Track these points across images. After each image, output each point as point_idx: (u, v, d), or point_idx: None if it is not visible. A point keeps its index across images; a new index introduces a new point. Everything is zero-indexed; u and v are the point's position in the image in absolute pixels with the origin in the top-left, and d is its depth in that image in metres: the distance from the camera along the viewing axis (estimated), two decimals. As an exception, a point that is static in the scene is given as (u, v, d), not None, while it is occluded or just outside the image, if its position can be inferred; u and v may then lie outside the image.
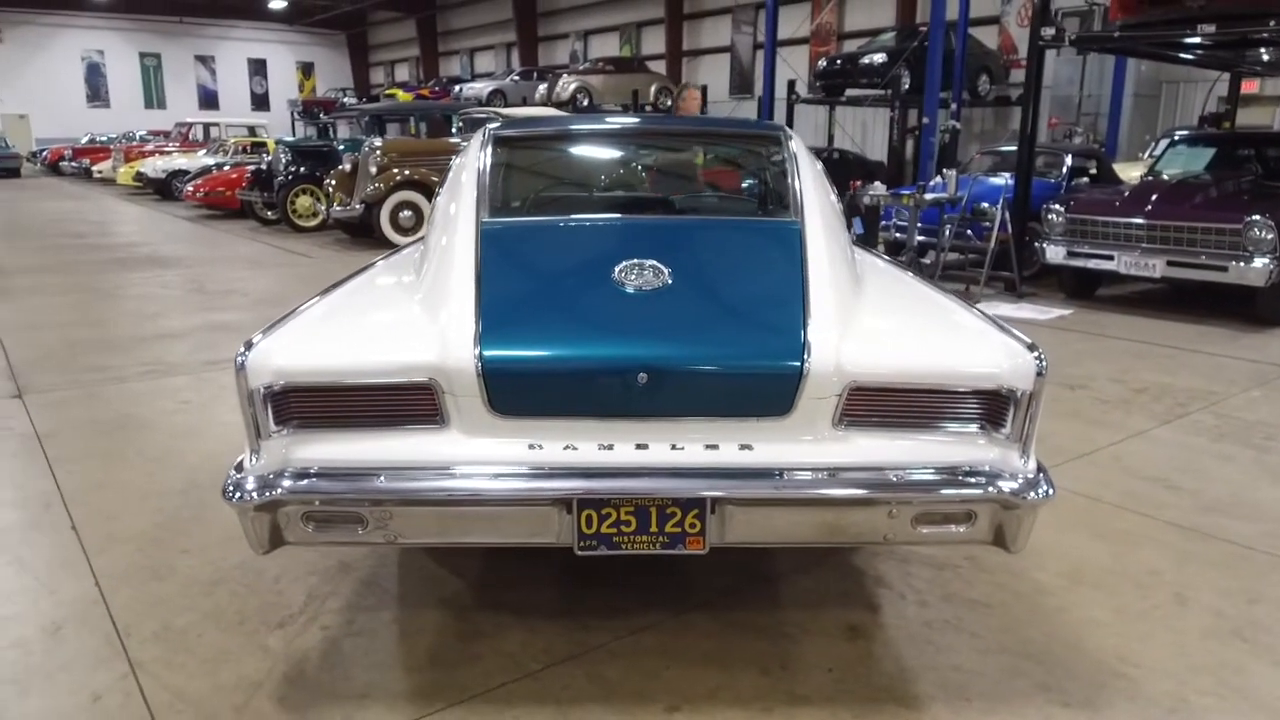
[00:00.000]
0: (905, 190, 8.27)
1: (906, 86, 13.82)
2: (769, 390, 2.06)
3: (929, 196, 7.82)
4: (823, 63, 16.22)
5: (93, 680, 2.26)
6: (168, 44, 35.97)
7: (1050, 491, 2.04)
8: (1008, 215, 7.61)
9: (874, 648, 2.43)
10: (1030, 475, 2.05)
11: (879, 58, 14.75)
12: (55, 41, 33.75)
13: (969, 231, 8.22)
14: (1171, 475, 3.67)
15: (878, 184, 8.43)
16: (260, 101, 37.68)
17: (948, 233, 8.02)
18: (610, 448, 2.06)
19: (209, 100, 36.99)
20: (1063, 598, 2.69)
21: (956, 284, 8.03)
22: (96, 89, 35.23)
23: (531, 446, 2.07)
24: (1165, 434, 4.21)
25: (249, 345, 2.04)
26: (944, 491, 2.04)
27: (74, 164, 26.00)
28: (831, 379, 2.05)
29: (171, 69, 36.39)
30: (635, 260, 2.29)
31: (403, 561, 2.88)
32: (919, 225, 8.10)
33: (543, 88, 22.03)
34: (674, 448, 2.07)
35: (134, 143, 23.55)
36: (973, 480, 2.04)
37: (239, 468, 2.04)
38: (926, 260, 8.38)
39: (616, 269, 2.26)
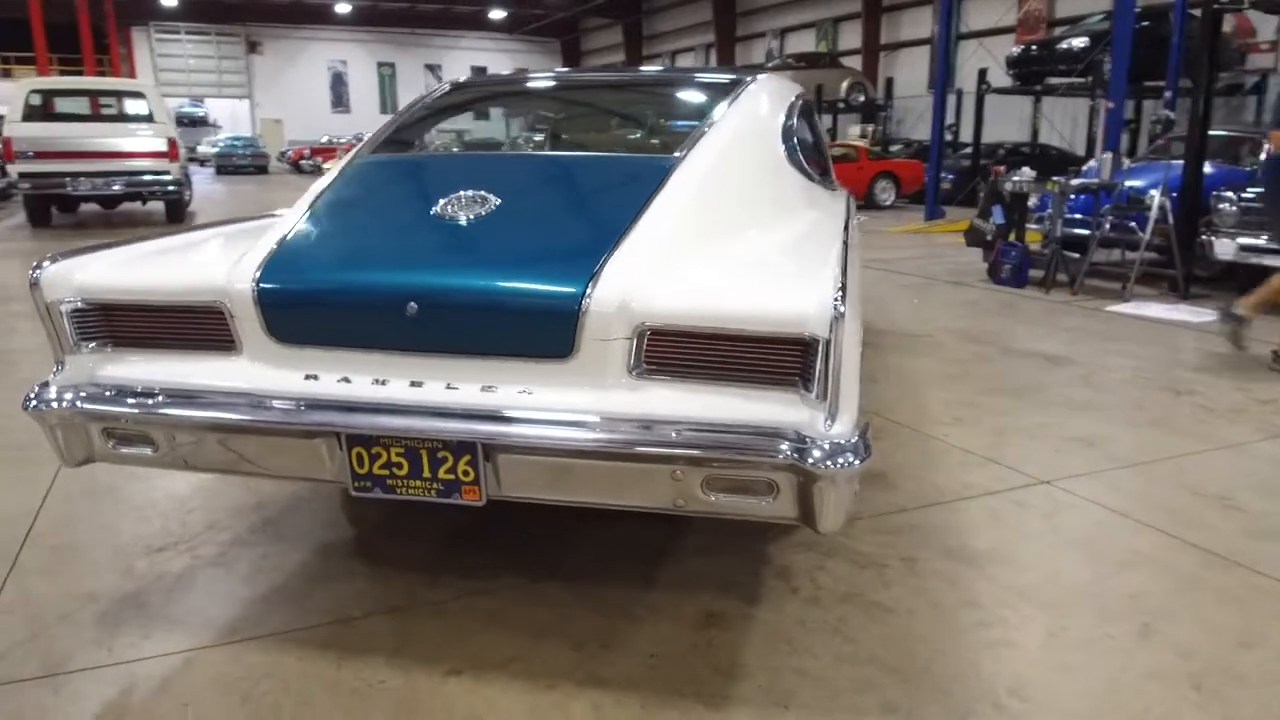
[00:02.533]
0: (1058, 178, 7.41)
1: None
2: (547, 328, 1.83)
3: (1076, 182, 6.96)
4: (1016, 49, 14.96)
5: (-31, 579, 2.42)
6: (401, 54, 39.11)
7: (854, 462, 1.68)
8: (1169, 205, 6.62)
9: (720, 639, 2.13)
10: (837, 441, 1.70)
11: (1079, 42, 13.38)
12: (305, 53, 37.63)
13: (1132, 223, 7.24)
14: (1239, 494, 2.99)
15: (1025, 169, 7.60)
16: (479, 105, 40.09)
17: (1104, 225, 7.10)
18: (384, 383, 1.92)
19: (435, 105, 39.80)
20: (992, 613, 2.24)
21: (1112, 281, 7.10)
22: (340, 95, 38.91)
23: (308, 377, 1.97)
24: (1267, 449, 3.46)
25: (49, 261, 2.06)
26: (727, 453, 1.73)
27: (310, 162, 28.90)
28: (616, 319, 1.80)
29: (404, 77, 39.51)
30: (468, 192, 2.14)
31: (312, 506, 2.88)
32: (1079, 216, 7.24)
33: (729, 86, 21.87)
34: (449, 387, 1.90)
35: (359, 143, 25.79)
36: (762, 443, 1.72)
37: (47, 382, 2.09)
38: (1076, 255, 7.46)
39: (443, 201, 2.12)
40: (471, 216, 2.06)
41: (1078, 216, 7.52)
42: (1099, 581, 2.41)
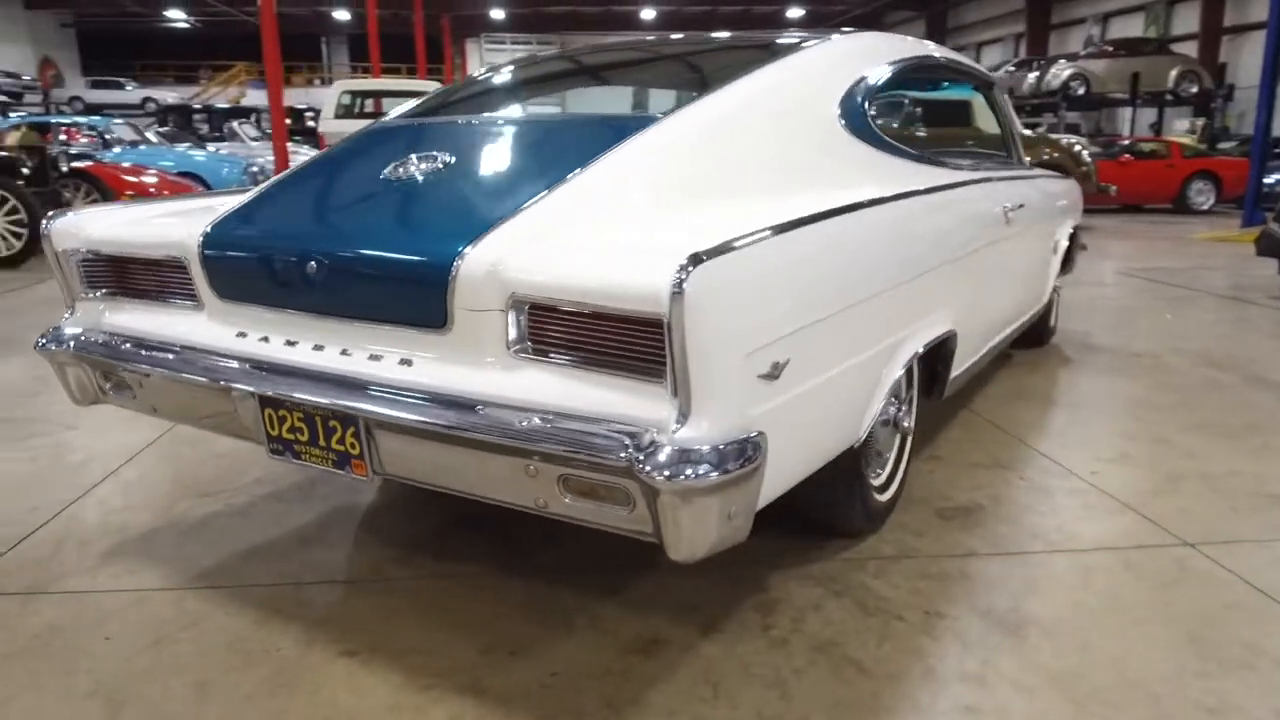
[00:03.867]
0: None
1: None
2: (420, 294, 1.67)
3: None
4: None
5: (62, 492, 2.72)
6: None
7: (703, 475, 1.34)
8: None
9: (640, 668, 1.84)
10: (684, 449, 1.37)
11: None
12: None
13: None
14: None
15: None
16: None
17: None
18: (294, 345, 1.87)
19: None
20: (994, 698, 1.75)
21: None
22: (640, 101, 40.68)
23: (239, 334, 1.97)
24: None
25: (59, 214, 2.23)
26: (569, 450, 1.47)
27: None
28: (486, 288, 1.60)
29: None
30: (422, 155, 2.03)
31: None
32: None
33: (1032, 77, 19.93)
34: (343, 353, 1.81)
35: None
36: (605, 442, 1.44)
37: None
38: None
39: (395, 164, 2.03)
40: (408, 179, 1.95)
41: None
42: (1178, 685, 1.80)
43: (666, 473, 1.35)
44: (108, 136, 13.19)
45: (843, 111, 2.33)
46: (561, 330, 1.57)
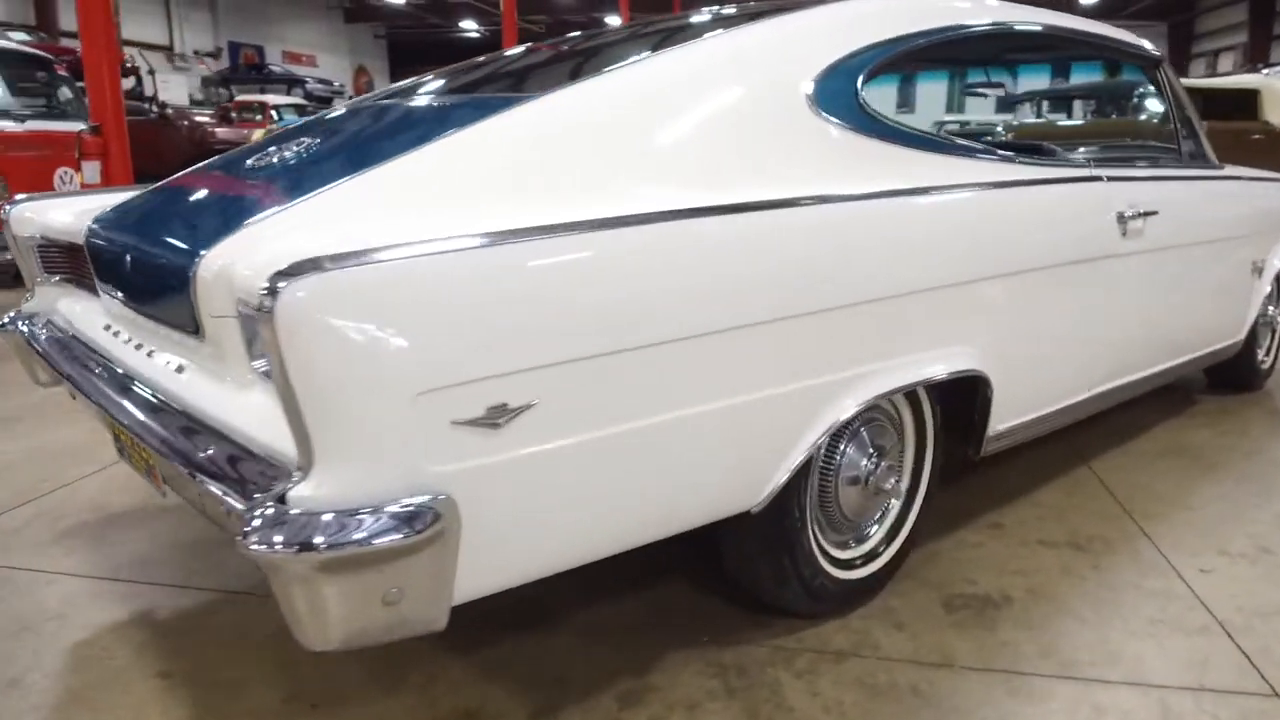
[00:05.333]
0: None
1: None
2: (173, 294, 1.47)
3: None
4: None
5: (81, 468, 2.87)
6: (976, 50, 37.44)
7: (314, 545, 1.03)
8: None
9: (426, 750, 1.55)
10: (295, 510, 1.07)
11: None
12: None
13: None
14: None
15: None
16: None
17: None
18: (137, 345, 1.76)
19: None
20: None
21: None
22: (906, 97, 38.71)
23: (105, 327, 1.90)
24: None
25: (20, 201, 2.28)
26: (202, 497, 1.22)
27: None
28: (217, 290, 1.37)
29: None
30: (295, 143, 1.85)
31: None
32: None
33: None
34: (148, 355, 1.67)
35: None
36: (233, 486, 1.16)
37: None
38: None
39: (265, 152, 1.86)
40: (247, 172, 1.78)
41: None
42: None
43: (254, 540, 1.06)
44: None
45: (818, 91, 1.86)
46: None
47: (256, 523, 1.07)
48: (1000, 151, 2.22)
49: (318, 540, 1.06)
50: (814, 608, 1.91)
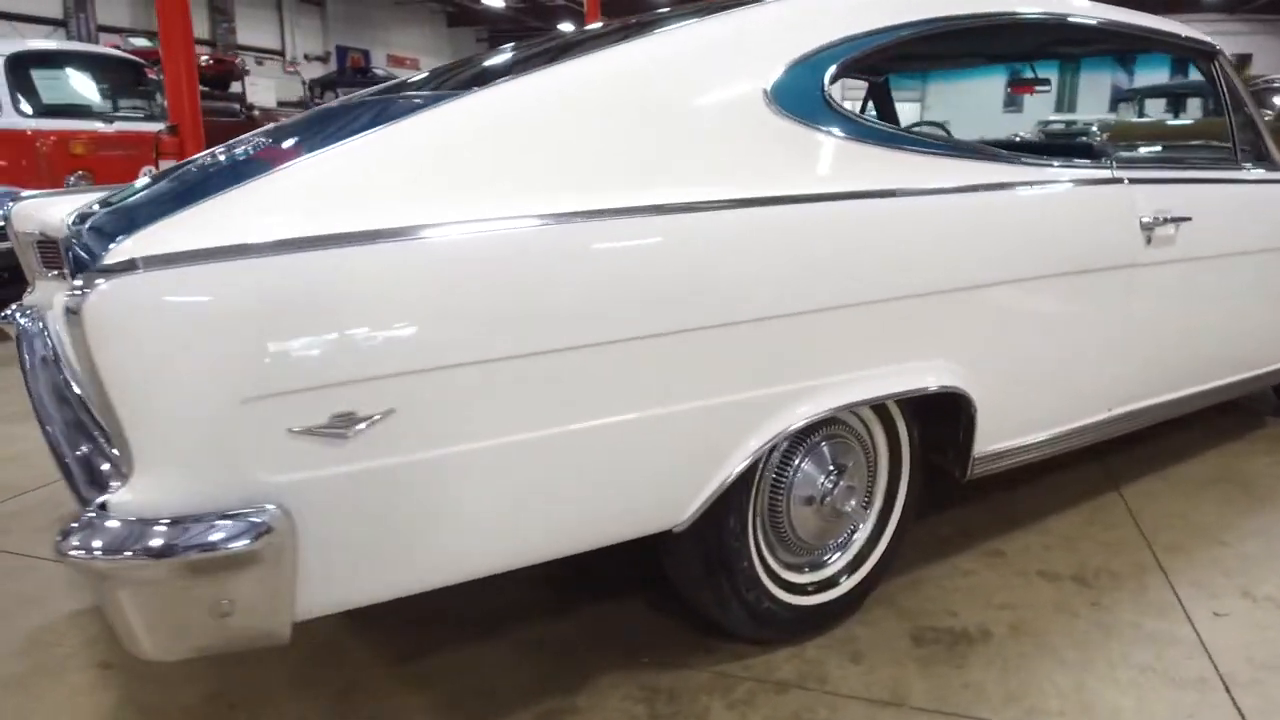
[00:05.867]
0: None
1: None
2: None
3: None
4: None
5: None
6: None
7: (129, 550, 1.00)
8: None
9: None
10: (113, 516, 1.04)
11: None
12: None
13: None
14: None
15: None
16: None
17: None
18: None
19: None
20: None
21: None
22: (1012, 97, 37.23)
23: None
24: None
25: (21, 198, 2.35)
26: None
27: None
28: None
29: (1087, 74, 36.07)
30: (260, 135, 1.85)
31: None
32: None
33: None
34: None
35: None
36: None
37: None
38: None
39: (230, 144, 1.87)
40: (207, 163, 1.78)
41: None
42: None
43: (73, 546, 1.04)
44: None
45: (778, 87, 1.74)
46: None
47: (76, 527, 1.05)
48: (1000, 151, 2.06)
49: (134, 548, 1.03)
50: (761, 633, 1.81)
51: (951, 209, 1.83)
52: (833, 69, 1.81)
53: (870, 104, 3.86)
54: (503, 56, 2.11)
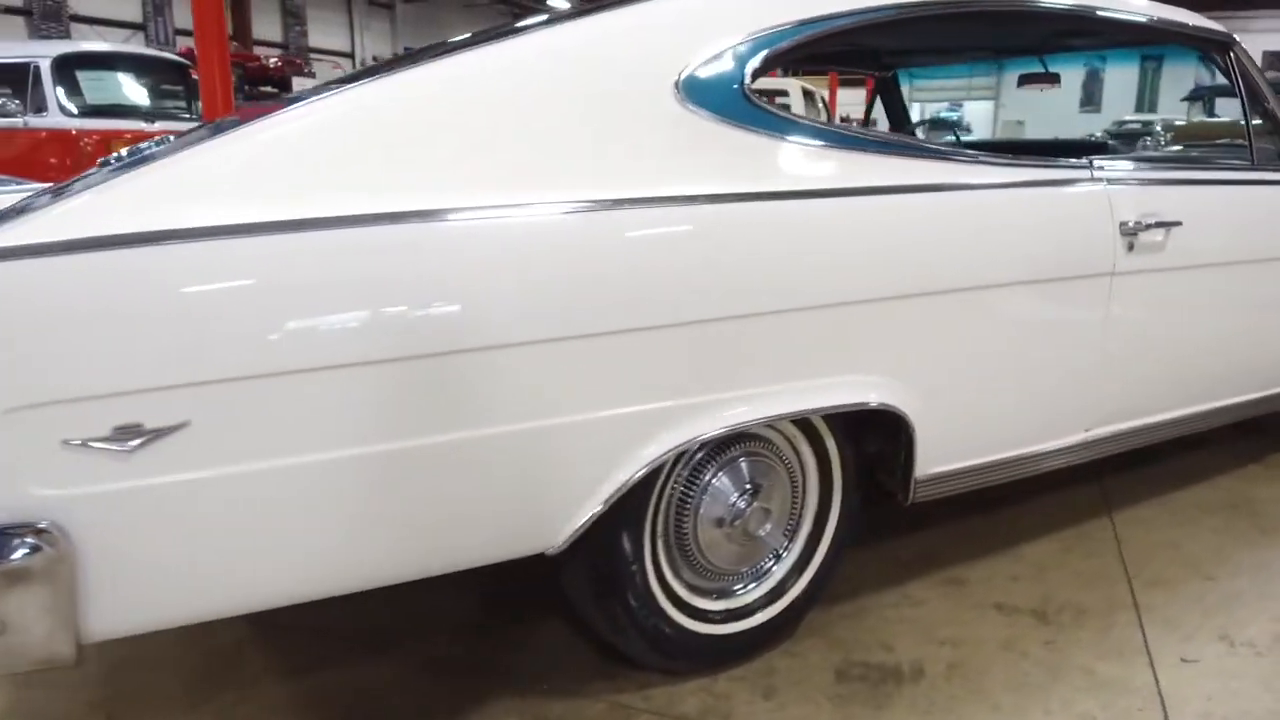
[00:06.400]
0: None
1: None
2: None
3: None
4: None
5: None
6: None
7: None
8: None
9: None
10: None
11: None
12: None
13: None
14: None
15: None
16: None
17: None
18: None
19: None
20: None
21: None
22: (1091, 93, 35.96)
23: None
24: None
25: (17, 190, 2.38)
26: None
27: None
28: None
29: (1170, 70, 34.59)
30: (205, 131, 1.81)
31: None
32: None
33: None
34: None
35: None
36: None
37: None
38: None
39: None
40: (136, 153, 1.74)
41: None
42: None
43: None
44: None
45: (689, 81, 1.63)
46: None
47: None
48: (952, 150, 1.91)
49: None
50: (664, 663, 1.70)
51: (882, 210, 1.69)
52: (755, 62, 1.69)
53: (878, 101, 3.71)
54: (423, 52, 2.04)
